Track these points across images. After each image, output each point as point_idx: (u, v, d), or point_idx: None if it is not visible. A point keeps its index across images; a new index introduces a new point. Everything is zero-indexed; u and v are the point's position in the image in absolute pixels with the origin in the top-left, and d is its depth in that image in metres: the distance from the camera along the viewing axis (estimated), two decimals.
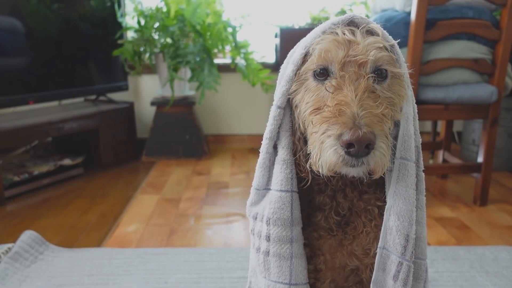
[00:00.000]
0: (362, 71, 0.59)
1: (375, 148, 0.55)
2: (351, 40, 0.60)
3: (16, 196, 2.00)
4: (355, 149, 0.54)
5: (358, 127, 0.54)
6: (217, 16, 2.48)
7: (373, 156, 0.55)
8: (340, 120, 0.55)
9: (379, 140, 0.55)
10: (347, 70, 0.59)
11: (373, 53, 0.59)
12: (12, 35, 2.10)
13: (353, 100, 0.56)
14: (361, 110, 0.55)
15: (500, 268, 1.35)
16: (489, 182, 1.84)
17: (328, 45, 0.60)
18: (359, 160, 0.55)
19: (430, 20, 1.65)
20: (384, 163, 0.56)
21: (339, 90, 0.58)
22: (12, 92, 2.12)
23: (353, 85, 0.58)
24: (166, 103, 2.52)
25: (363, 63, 0.59)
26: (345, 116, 0.55)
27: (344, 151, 0.55)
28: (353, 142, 0.53)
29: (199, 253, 1.45)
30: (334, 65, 0.60)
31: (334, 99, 0.58)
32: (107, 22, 2.52)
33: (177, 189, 2.11)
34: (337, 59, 0.60)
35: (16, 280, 1.28)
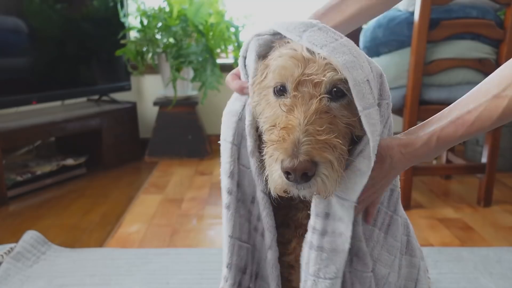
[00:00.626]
0: (316, 91, 0.58)
1: (316, 174, 0.54)
2: (309, 58, 0.59)
3: (18, 196, 2.00)
4: (293, 177, 0.54)
5: (295, 156, 0.53)
6: (220, 16, 2.48)
7: (315, 183, 0.55)
8: (282, 146, 0.55)
9: (321, 167, 0.54)
10: (301, 90, 0.58)
11: (329, 74, 0.58)
12: (15, 35, 2.11)
13: (300, 124, 0.55)
14: (303, 136, 0.55)
15: (504, 269, 1.34)
16: (493, 182, 1.83)
17: (285, 62, 0.60)
18: (300, 186, 0.55)
19: (433, 20, 1.64)
20: (328, 188, 0.56)
21: (291, 111, 0.58)
22: (15, 92, 2.13)
23: (305, 106, 0.57)
24: (169, 103, 2.52)
25: (318, 83, 0.58)
26: (287, 143, 0.55)
27: (285, 177, 0.55)
28: (289, 171, 0.54)
29: (201, 254, 1.45)
30: (289, 83, 0.60)
31: (283, 122, 0.58)
32: (110, 22, 2.52)
33: (180, 189, 2.11)
34: (292, 78, 0.59)
35: (18, 280, 1.28)
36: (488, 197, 1.85)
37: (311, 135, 0.55)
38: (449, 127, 0.61)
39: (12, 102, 2.13)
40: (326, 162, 0.55)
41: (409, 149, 0.62)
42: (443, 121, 0.61)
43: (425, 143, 0.62)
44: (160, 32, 2.46)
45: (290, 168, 0.53)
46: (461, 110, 0.61)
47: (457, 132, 0.60)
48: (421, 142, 0.62)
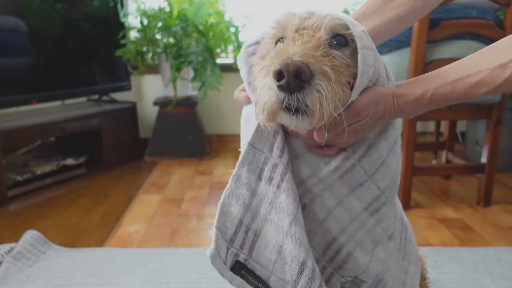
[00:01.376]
0: (316, 33, 0.55)
1: (311, 84, 0.50)
2: (309, 12, 0.58)
3: (19, 196, 2.00)
4: (286, 79, 0.49)
5: (290, 58, 0.50)
6: (220, 16, 2.48)
7: (308, 93, 0.50)
8: (276, 60, 0.51)
9: (316, 78, 0.50)
10: (301, 33, 0.56)
11: (329, 18, 0.56)
12: (15, 35, 2.11)
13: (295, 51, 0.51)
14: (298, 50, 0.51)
15: (504, 269, 1.34)
16: (493, 182, 1.83)
17: (283, 15, 0.59)
18: (293, 96, 0.50)
19: (433, 20, 1.64)
20: (323, 105, 0.51)
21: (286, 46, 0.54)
22: (15, 92, 2.13)
23: (302, 42, 0.54)
24: (169, 103, 2.52)
25: (318, 27, 0.56)
26: (282, 55, 0.51)
27: (276, 86, 0.50)
28: (282, 69, 0.49)
29: (202, 253, 1.45)
30: (289, 30, 0.58)
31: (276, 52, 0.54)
32: (110, 22, 2.52)
33: (180, 189, 2.11)
34: (292, 26, 0.57)
35: (18, 280, 1.28)
36: (488, 197, 1.85)
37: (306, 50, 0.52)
38: (445, 86, 0.60)
39: (12, 102, 2.13)
40: (322, 74, 0.51)
41: (401, 101, 0.61)
42: (440, 81, 0.61)
43: (418, 98, 0.61)
44: (160, 32, 2.46)
45: (284, 66, 0.49)
46: (461, 73, 0.60)
47: (453, 93, 0.60)
48: (413, 95, 0.61)
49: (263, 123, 0.56)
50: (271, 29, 0.61)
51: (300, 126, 0.54)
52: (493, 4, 1.69)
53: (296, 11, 0.59)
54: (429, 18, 1.60)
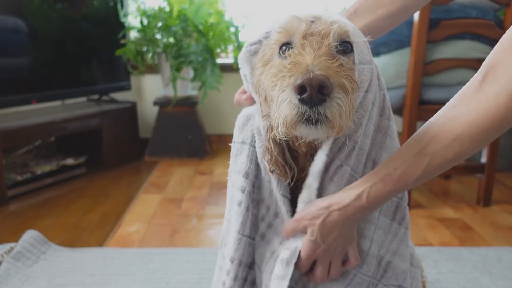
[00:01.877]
0: (324, 40, 0.56)
1: (331, 97, 0.51)
2: (314, 16, 0.58)
3: (19, 196, 2.00)
4: (308, 93, 0.50)
5: (311, 71, 0.50)
6: (220, 16, 2.48)
7: (329, 106, 0.51)
8: (295, 72, 0.52)
9: (335, 91, 0.51)
10: (309, 39, 0.56)
11: (337, 25, 0.57)
12: (15, 35, 2.11)
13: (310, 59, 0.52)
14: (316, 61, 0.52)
15: (504, 269, 1.34)
16: (493, 182, 1.84)
17: (289, 20, 0.59)
18: (314, 109, 0.51)
19: (433, 20, 1.64)
20: (342, 116, 0.52)
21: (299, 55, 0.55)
22: (15, 91, 2.13)
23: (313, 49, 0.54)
24: (169, 103, 2.52)
25: (326, 34, 0.57)
26: (300, 67, 0.52)
27: (298, 99, 0.51)
28: (304, 84, 0.50)
29: (201, 253, 1.45)
30: (296, 36, 0.58)
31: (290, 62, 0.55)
32: (110, 22, 2.52)
33: (180, 189, 2.11)
34: (299, 31, 0.57)
35: (18, 280, 1.28)
36: (488, 197, 1.85)
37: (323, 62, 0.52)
38: (378, 183, 0.61)
39: (12, 101, 2.13)
40: (341, 86, 0.52)
41: (340, 206, 0.62)
42: (374, 178, 0.62)
43: (356, 199, 0.62)
44: (160, 32, 2.46)
45: (307, 80, 0.49)
46: (389, 167, 0.61)
47: (386, 188, 0.61)
48: (350, 198, 0.62)
49: (282, 136, 0.57)
50: (275, 33, 0.61)
51: (319, 136, 0.56)
52: (493, 4, 1.70)
53: (301, 15, 0.59)
54: (429, 18, 1.60)
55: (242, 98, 0.73)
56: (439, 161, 0.59)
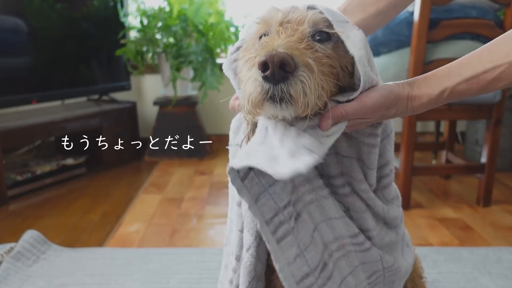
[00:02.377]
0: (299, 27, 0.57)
1: (294, 75, 0.51)
2: (291, 7, 0.60)
3: (18, 196, 2.00)
4: (270, 70, 0.50)
5: (274, 50, 0.51)
6: (220, 16, 2.48)
7: (292, 84, 0.51)
8: (261, 52, 0.53)
9: (300, 69, 0.52)
10: (285, 27, 0.58)
11: (312, 13, 0.58)
12: (15, 35, 2.11)
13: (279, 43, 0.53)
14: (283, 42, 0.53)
15: (504, 269, 1.34)
16: (493, 182, 1.83)
17: (267, 10, 0.61)
18: (277, 87, 0.51)
19: (433, 20, 1.64)
20: (307, 95, 0.52)
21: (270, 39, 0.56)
22: (15, 91, 2.13)
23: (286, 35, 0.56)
24: (169, 103, 2.52)
25: (301, 21, 0.58)
26: (267, 47, 0.53)
27: (261, 77, 0.52)
28: (267, 60, 0.50)
29: (201, 253, 1.45)
30: (273, 25, 0.59)
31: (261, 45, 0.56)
32: (110, 22, 2.52)
33: (180, 189, 2.11)
34: (276, 20, 0.59)
35: (18, 280, 1.28)
36: (488, 197, 1.85)
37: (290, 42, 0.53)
38: (462, 84, 0.60)
39: (12, 101, 2.13)
40: (306, 65, 0.52)
41: (416, 103, 0.61)
42: (455, 78, 0.60)
43: (433, 99, 0.61)
44: (160, 32, 2.46)
45: (269, 57, 0.50)
46: (476, 69, 0.59)
47: (470, 90, 0.60)
48: (429, 97, 0.61)
49: (247, 114, 0.57)
50: (255, 24, 0.62)
51: (285, 114, 0.54)
52: (493, 4, 1.69)
53: (280, 6, 0.60)
54: (429, 18, 1.60)
55: (236, 103, 0.74)
56: None
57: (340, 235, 0.66)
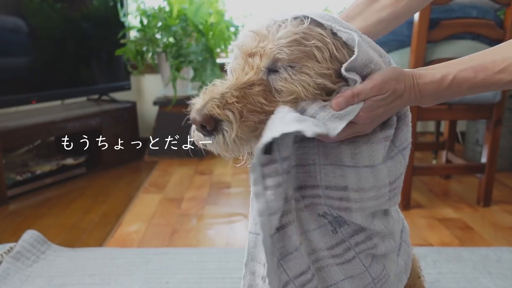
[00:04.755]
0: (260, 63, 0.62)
1: (217, 129, 0.59)
2: (265, 34, 0.63)
3: (18, 196, 2.00)
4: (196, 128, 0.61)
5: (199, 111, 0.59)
6: (220, 16, 2.48)
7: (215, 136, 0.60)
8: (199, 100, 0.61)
9: (222, 124, 0.59)
10: (249, 61, 0.63)
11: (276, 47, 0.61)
12: (15, 35, 2.11)
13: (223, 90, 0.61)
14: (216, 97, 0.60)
15: (504, 269, 1.34)
16: (493, 182, 1.83)
17: (243, 36, 0.66)
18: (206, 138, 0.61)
19: (433, 20, 1.64)
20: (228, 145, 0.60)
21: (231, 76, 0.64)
22: (15, 91, 2.13)
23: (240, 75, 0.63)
24: (169, 102, 2.52)
25: (263, 55, 0.62)
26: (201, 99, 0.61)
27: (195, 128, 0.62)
28: (191, 121, 0.61)
29: (201, 253, 1.45)
30: (243, 55, 0.65)
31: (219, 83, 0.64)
32: (110, 21, 2.52)
33: (180, 189, 2.11)
34: (246, 50, 0.64)
35: (18, 280, 1.28)
36: (488, 197, 1.85)
37: (224, 97, 0.60)
38: (467, 70, 0.59)
39: (11, 101, 2.13)
40: (227, 121, 0.59)
41: (421, 81, 0.61)
42: (463, 65, 0.60)
43: (438, 80, 0.60)
44: (160, 31, 2.46)
45: (191, 119, 0.60)
46: (484, 60, 0.59)
47: (476, 78, 0.59)
48: (433, 77, 0.60)
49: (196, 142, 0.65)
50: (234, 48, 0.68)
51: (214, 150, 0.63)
52: (493, 4, 1.69)
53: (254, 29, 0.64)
54: (429, 18, 1.60)
55: None
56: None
57: (317, 247, 0.66)
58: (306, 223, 0.67)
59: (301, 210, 0.67)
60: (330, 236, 0.67)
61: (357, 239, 0.68)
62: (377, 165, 0.64)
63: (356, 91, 0.59)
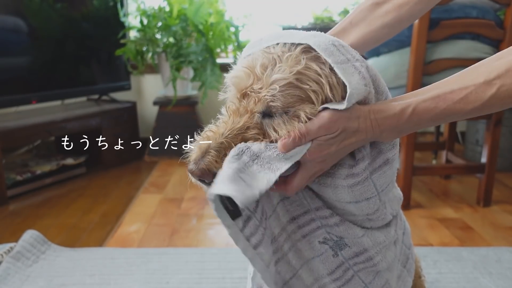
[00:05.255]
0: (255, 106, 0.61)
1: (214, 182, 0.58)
2: (259, 75, 0.61)
3: (18, 196, 2.00)
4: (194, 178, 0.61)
5: (197, 163, 0.60)
6: (220, 16, 2.47)
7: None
8: (195, 149, 0.61)
9: None
10: (243, 102, 0.63)
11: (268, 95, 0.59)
12: (15, 35, 2.11)
13: (221, 135, 0.60)
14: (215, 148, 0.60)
15: (504, 269, 1.34)
16: (493, 182, 1.83)
17: (237, 72, 0.63)
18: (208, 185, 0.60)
19: (433, 20, 1.64)
20: None
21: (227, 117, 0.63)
22: (15, 91, 2.13)
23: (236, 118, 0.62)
24: (169, 102, 2.52)
25: (258, 100, 0.61)
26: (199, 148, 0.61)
27: None
28: (189, 172, 0.60)
29: (201, 253, 1.45)
30: (238, 92, 0.64)
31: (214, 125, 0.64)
32: (110, 21, 2.52)
33: (179, 189, 2.11)
34: (239, 88, 0.63)
35: (18, 280, 1.28)
36: (488, 197, 1.85)
37: (222, 148, 0.60)
38: (428, 101, 0.58)
39: (12, 101, 2.13)
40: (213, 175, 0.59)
41: (379, 116, 0.59)
42: (421, 96, 0.59)
43: (397, 113, 0.59)
44: (160, 31, 2.46)
45: (189, 171, 0.60)
46: (443, 89, 0.58)
47: (436, 109, 0.58)
48: (393, 111, 0.59)
49: None
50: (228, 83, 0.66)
51: None
52: (493, 4, 1.69)
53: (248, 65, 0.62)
54: (429, 18, 1.60)
55: None
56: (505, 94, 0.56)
57: (320, 275, 0.67)
58: (306, 253, 0.67)
59: (299, 240, 0.67)
60: (331, 260, 0.68)
61: (357, 260, 0.68)
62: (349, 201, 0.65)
63: (303, 131, 0.58)
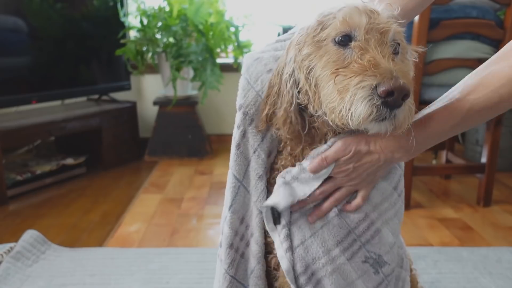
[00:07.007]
0: (384, 38, 0.60)
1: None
2: (373, 10, 0.61)
3: (18, 196, 2.00)
4: (394, 98, 0.54)
5: (397, 78, 0.54)
6: (220, 16, 2.47)
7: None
8: (377, 72, 0.55)
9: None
10: (372, 35, 0.60)
11: (394, 25, 0.61)
12: (15, 35, 2.11)
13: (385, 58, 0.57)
14: (396, 66, 0.56)
15: (504, 269, 1.34)
16: (493, 182, 1.83)
17: (351, 12, 0.61)
18: (392, 112, 0.55)
19: (433, 20, 1.64)
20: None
21: (365, 51, 0.58)
22: (15, 91, 2.13)
23: (379, 48, 0.58)
24: (169, 102, 2.52)
25: (385, 32, 0.60)
26: (381, 69, 0.55)
27: (381, 101, 0.54)
28: (394, 90, 0.53)
29: (201, 253, 1.45)
30: (359, 30, 0.60)
31: (363, 57, 0.57)
32: (110, 21, 2.52)
33: (180, 189, 2.11)
34: (362, 25, 0.60)
35: (18, 280, 1.28)
36: (488, 197, 1.85)
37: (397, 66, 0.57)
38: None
39: (12, 101, 2.13)
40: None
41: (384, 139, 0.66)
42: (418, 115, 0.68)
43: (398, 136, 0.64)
44: (160, 31, 2.46)
45: (397, 87, 0.53)
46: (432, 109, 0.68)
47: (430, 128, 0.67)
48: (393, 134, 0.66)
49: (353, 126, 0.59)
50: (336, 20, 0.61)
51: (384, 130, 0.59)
52: (494, 4, 1.69)
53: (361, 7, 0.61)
54: (429, 18, 1.60)
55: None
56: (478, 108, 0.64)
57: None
58: (350, 275, 0.70)
59: (344, 264, 0.69)
60: (373, 279, 0.71)
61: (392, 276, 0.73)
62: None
63: (324, 155, 0.68)
